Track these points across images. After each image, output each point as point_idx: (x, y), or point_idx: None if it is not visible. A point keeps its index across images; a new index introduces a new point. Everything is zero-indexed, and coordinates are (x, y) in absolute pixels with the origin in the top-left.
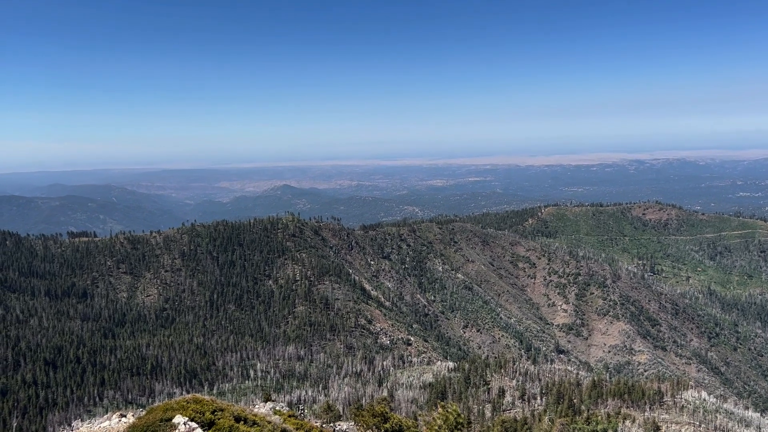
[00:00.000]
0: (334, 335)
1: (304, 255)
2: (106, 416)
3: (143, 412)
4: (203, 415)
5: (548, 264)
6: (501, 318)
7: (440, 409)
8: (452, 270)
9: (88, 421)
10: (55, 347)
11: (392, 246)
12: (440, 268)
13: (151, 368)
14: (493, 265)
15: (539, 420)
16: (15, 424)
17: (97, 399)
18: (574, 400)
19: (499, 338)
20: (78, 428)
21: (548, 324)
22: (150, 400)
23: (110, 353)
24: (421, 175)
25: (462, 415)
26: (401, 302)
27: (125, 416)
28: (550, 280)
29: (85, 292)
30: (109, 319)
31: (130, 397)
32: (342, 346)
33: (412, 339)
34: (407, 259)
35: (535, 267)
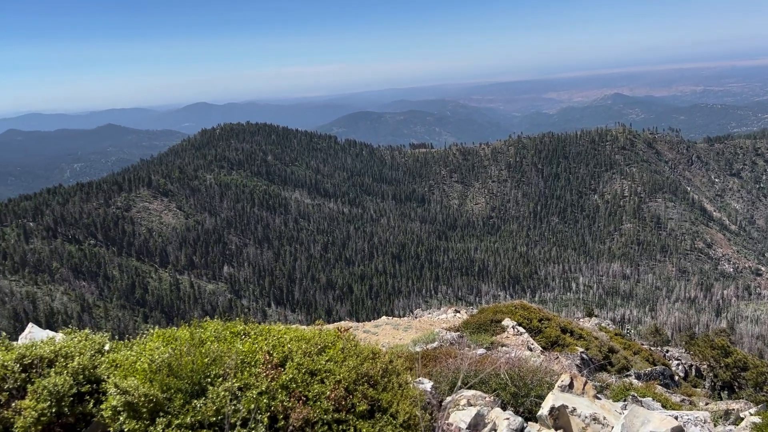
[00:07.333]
0: (665, 257)
1: (634, 169)
2: (443, 309)
3: (475, 311)
4: (531, 322)
5: None
6: None
7: None
8: None
9: (428, 311)
10: (400, 244)
11: (744, 161)
12: None
13: (478, 270)
14: None
15: None
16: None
17: (432, 292)
18: None
19: None
20: (420, 316)
21: None
22: (477, 299)
23: (443, 253)
24: None
25: None
26: (751, 227)
27: (459, 312)
28: None
29: (423, 197)
30: (442, 222)
31: (459, 294)
32: (674, 269)
33: (762, 269)
34: (763, 178)
35: None
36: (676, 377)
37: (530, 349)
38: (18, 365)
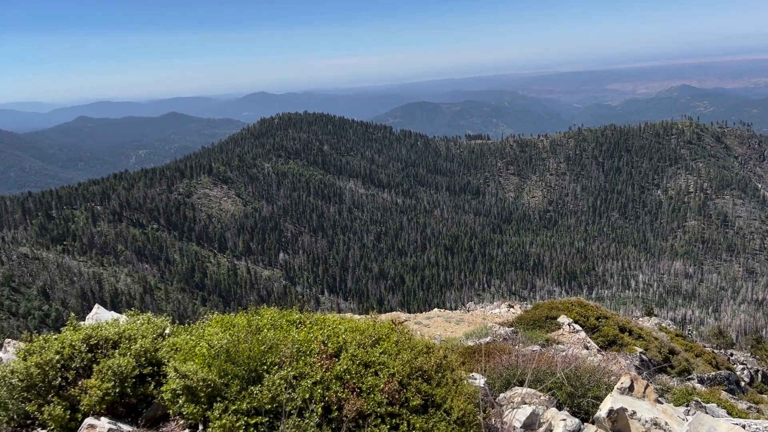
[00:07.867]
0: (731, 256)
1: (700, 164)
2: (496, 303)
3: (528, 306)
4: (587, 319)
5: None
6: None
7: None
8: None
9: (481, 305)
10: (453, 236)
11: None
12: None
13: (533, 265)
14: None
15: None
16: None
17: (485, 285)
18: None
19: None
20: (473, 309)
21: None
22: (531, 294)
23: (497, 247)
24: None
25: None
26: None
27: (513, 307)
28: None
29: (478, 189)
30: (497, 215)
31: (513, 288)
32: (741, 269)
33: None
34: None
35: None
36: (742, 383)
37: (587, 348)
38: (85, 345)
